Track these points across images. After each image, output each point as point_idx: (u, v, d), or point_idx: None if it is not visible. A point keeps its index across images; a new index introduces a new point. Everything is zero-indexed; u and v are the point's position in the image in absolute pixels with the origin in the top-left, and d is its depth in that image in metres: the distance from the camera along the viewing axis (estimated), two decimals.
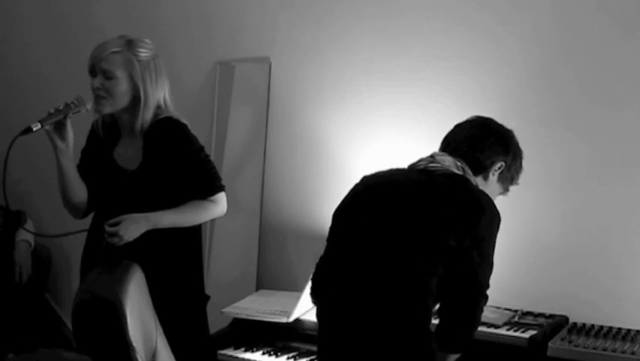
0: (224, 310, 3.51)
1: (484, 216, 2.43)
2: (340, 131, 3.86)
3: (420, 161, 2.58)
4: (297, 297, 3.40)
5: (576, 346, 2.92)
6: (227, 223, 3.99)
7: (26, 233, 4.30)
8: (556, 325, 3.19)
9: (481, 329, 3.05)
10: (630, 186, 3.27)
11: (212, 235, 4.11)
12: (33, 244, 4.43)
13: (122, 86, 2.90)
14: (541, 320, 3.21)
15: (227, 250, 4.12)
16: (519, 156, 2.69)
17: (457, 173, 2.52)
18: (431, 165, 2.54)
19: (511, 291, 3.37)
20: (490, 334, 3.08)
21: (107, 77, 2.89)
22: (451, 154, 2.57)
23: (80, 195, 3.02)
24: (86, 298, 2.66)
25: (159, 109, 2.97)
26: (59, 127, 2.87)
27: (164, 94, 2.98)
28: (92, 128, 3.09)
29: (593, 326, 3.12)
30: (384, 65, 3.72)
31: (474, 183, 2.54)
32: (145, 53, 2.93)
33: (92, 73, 2.94)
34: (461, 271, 2.40)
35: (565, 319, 3.27)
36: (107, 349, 2.56)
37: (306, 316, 3.41)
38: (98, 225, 2.95)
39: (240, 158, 4.13)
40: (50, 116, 2.83)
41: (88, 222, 3.10)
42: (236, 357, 3.34)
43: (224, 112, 4.17)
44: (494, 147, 2.61)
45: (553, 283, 3.39)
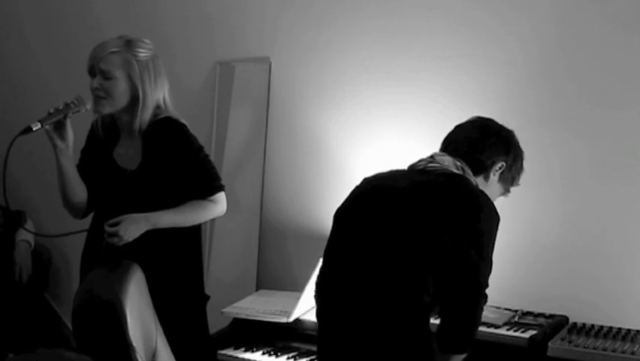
0: (224, 310, 3.52)
1: (482, 214, 2.43)
2: (340, 131, 3.86)
3: (420, 161, 2.59)
4: (297, 297, 3.40)
5: (576, 346, 2.92)
6: (227, 223, 3.99)
7: (26, 233, 4.30)
8: (556, 325, 3.19)
9: (481, 329, 3.05)
10: (630, 186, 3.27)
11: (212, 235, 4.11)
12: (33, 244, 4.44)
13: (121, 86, 2.90)
14: (541, 320, 3.21)
15: (227, 250, 4.12)
16: (520, 156, 2.69)
17: (456, 173, 2.52)
18: (430, 166, 2.54)
19: (511, 291, 3.37)
20: (490, 334, 3.08)
21: (106, 77, 2.89)
22: (451, 154, 2.57)
23: (80, 195, 3.02)
24: (86, 299, 2.66)
25: (159, 109, 2.97)
26: (59, 127, 2.87)
27: (163, 94, 2.98)
28: (92, 128, 3.08)
29: (593, 326, 3.12)
30: (384, 65, 3.72)
31: (474, 183, 2.54)
32: (144, 53, 2.93)
33: (91, 73, 2.94)
34: (460, 270, 2.40)
35: (565, 319, 3.27)
36: (107, 349, 2.56)
37: (306, 316, 3.41)
38: (97, 225, 2.94)
39: (240, 158, 4.13)
40: (50, 115, 2.83)
41: (88, 222, 3.10)
42: (236, 357, 3.34)
43: (224, 112, 4.17)
44: (495, 147, 2.61)
45: (553, 283, 3.39)
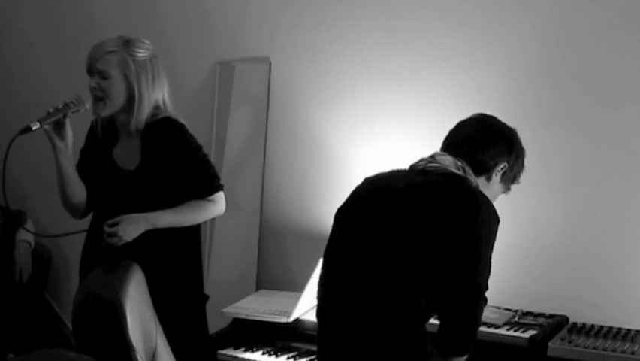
0: (224, 310, 3.51)
1: (481, 216, 2.41)
2: (340, 131, 3.86)
3: (420, 161, 2.58)
4: (297, 297, 3.40)
5: (576, 346, 2.92)
6: (227, 223, 3.99)
7: (26, 233, 4.30)
8: (556, 325, 3.19)
9: (481, 329, 3.04)
10: (630, 186, 3.27)
11: (212, 235, 4.11)
12: (33, 244, 4.44)
13: (118, 86, 2.90)
14: (541, 320, 3.21)
15: (227, 250, 4.12)
16: (521, 155, 2.67)
17: (456, 173, 2.51)
18: (430, 166, 2.53)
19: (511, 291, 3.37)
20: (490, 334, 3.08)
21: (103, 77, 2.89)
22: (453, 154, 2.55)
23: (79, 195, 3.02)
24: (86, 299, 2.66)
25: (158, 109, 2.97)
26: (58, 126, 2.87)
27: (162, 94, 2.98)
28: (91, 128, 3.09)
29: (593, 326, 3.12)
30: (384, 65, 3.72)
31: (474, 183, 2.53)
32: (142, 53, 2.93)
33: (90, 73, 2.94)
34: (459, 272, 2.39)
35: (565, 319, 3.26)
36: (107, 349, 2.56)
37: (306, 316, 3.41)
38: (97, 225, 2.94)
39: (240, 158, 4.13)
40: (49, 115, 2.83)
41: (88, 222, 3.10)
42: (236, 357, 3.34)
43: (224, 112, 4.17)
44: (497, 148, 2.59)
45: (553, 283, 3.39)
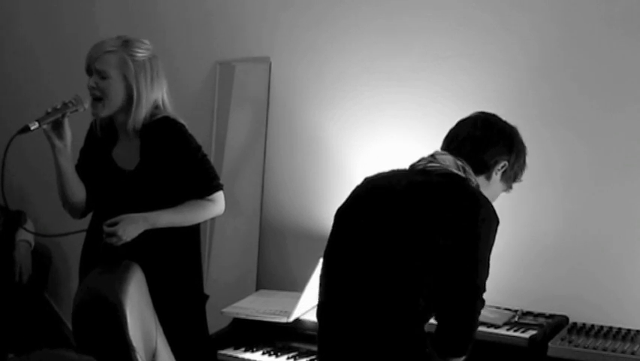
0: (224, 310, 3.51)
1: (480, 217, 2.40)
2: (340, 131, 3.86)
3: (420, 161, 2.56)
4: (297, 297, 3.40)
5: (576, 346, 2.92)
6: (227, 223, 3.99)
7: (26, 233, 4.30)
8: (556, 325, 3.19)
9: (481, 329, 3.05)
10: (630, 186, 3.27)
11: (212, 235, 4.11)
12: (33, 244, 4.44)
13: (116, 86, 2.90)
14: (541, 320, 3.21)
15: (227, 250, 4.12)
16: (522, 153, 2.64)
17: (456, 173, 2.49)
18: (430, 165, 2.51)
19: (511, 291, 3.37)
20: (490, 334, 3.08)
21: (102, 76, 2.90)
22: (453, 153, 2.54)
23: (79, 195, 3.02)
24: (86, 299, 2.66)
25: (157, 109, 2.97)
26: (57, 126, 2.87)
27: (161, 94, 2.98)
28: (91, 128, 3.09)
29: (593, 326, 3.12)
30: (384, 65, 3.72)
31: (474, 183, 2.51)
32: (141, 53, 2.93)
33: (89, 72, 2.94)
34: (457, 273, 2.37)
35: (565, 319, 3.26)
36: (107, 349, 2.56)
37: (306, 316, 3.41)
38: (96, 225, 2.94)
39: (240, 158, 4.13)
40: (48, 115, 2.83)
41: (88, 222, 3.10)
42: (236, 357, 3.34)
43: (224, 112, 4.17)
44: (498, 146, 2.57)
45: (553, 283, 3.39)
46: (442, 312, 2.42)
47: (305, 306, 3.40)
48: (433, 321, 2.48)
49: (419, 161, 2.57)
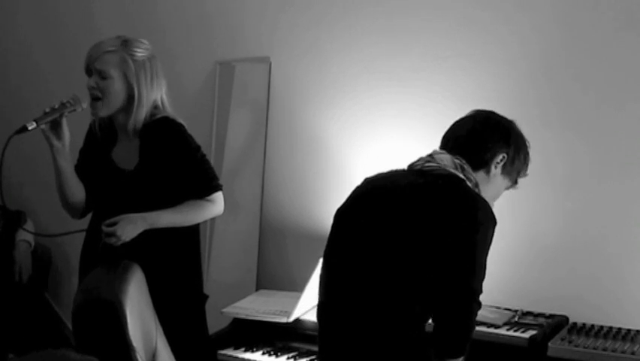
0: (224, 310, 3.51)
1: (477, 219, 2.37)
2: (340, 131, 3.86)
3: (418, 161, 2.54)
4: (297, 297, 3.40)
5: (576, 346, 2.92)
6: (227, 223, 3.99)
7: (26, 233, 4.30)
8: (556, 325, 3.19)
9: (481, 329, 3.05)
10: (631, 186, 3.27)
11: (212, 235, 4.11)
12: (33, 243, 4.44)
13: (117, 86, 2.90)
14: (541, 320, 3.21)
15: (227, 250, 4.12)
16: (523, 146, 2.60)
17: (454, 173, 2.46)
18: (427, 165, 2.49)
19: (511, 291, 3.37)
20: (490, 334, 3.08)
21: (102, 76, 2.89)
22: (450, 151, 2.52)
23: (78, 195, 3.02)
24: (86, 299, 2.66)
25: (156, 109, 2.97)
26: (55, 126, 2.86)
27: (161, 94, 2.98)
28: (90, 128, 3.08)
29: (593, 326, 3.12)
30: (384, 65, 3.72)
31: (473, 181, 2.47)
32: (141, 52, 2.93)
33: (88, 72, 2.94)
34: (453, 275, 2.35)
35: (565, 319, 3.27)
36: (107, 349, 2.55)
37: (306, 316, 3.41)
38: (96, 225, 2.94)
39: (240, 158, 4.13)
40: (46, 115, 2.82)
41: (87, 221, 3.10)
42: (236, 357, 3.34)
43: (224, 112, 4.17)
44: (493, 139, 2.54)
45: (553, 283, 3.39)
46: (439, 314, 2.40)
47: (305, 306, 3.40)
48: (432, 321, 2.49)
49: (417, 161, 2.55)
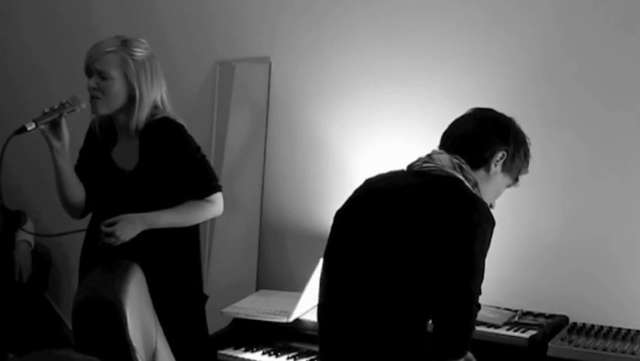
0: (224, 310, 3.51)
1: (474, 221, 2.35)
2: (340, 131, 3.86)
3: (417, 161, 2.53)
4: (297, 297, 3.40)
5: (576, 346, 2.92)
6: (227, 223, 3.99)
7: (26, 233, 4.30)
8: (556, 325, 3.19)
9: (481, 329, 3.06)
10: (631, 186, 3.27)
11: (212, 235, 4.10)
12: (33, 244, 4.44)
13: (118, 86, 2.90)
14: (541, 320, 3.21)
15: (227, 250, 4.12)
16: (523, 143, 2.59)
17: (452, 174, 2.45)
18: (425, 166, 2.48)
19: (511, 291, 3.37)
20: (490, 334, 3.08)
21: (103, 77, 2.89)
22: (449, 151, 2.51)
23: (78, 195, 3.02)
24: (86, 299, 2.65)
25: (156, 109, 2.97)
26: (54, 126, 2.86)
27: (160, 94, 2.98)
28: (90, 128, 3.08)
29: (593, 326, 3.12)
30: (384, 65, 3.72)
31: (472, 181, 2.45)
32: (140, 52, 2.93)
33: (88, 73, 2.94)
34: (452, 278, 2.34)
35: (565, 319, 3.27)
36: (107, 349, 2.55)
37: (306, 316, 3.41)
38: (96, 225, 2.94)
39: (240, 158, 4.12)
40: (45, 115, 2.83)
41: (87, 221, 3.10)
42: (236, 357, 3.34)
43: (224, 112, 4.17)
44: (492, 136, 2.52)
45: (553, 283, 3.39)
46: (438, 316, 2.39)
47: (305, 306, 3.40)
48: (431, 323, 2.48)
49: (416, 161, 2.54)
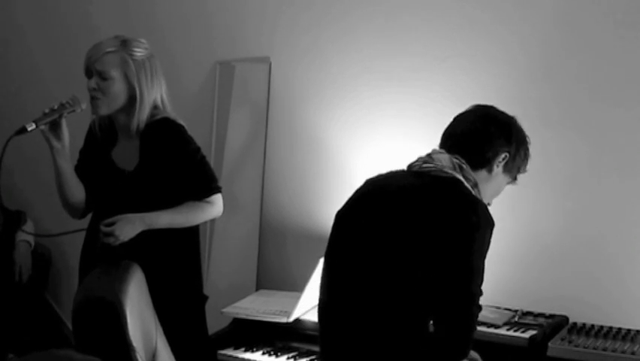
0: (224, 310, 3.51)
1: (473, 222, 2.34)
2: (340, 131, 3.86)
3: (417, 161, 2.52)
4: (297, 297, 3.40)
5: (576, 346, 2.92)
6: (227, 223, 3.99)
7: (27, 233, 4.31)
8: (556, 325, 3.19)
9: (481, 329, 3.05)
10: (631, 186, 3.27)
11: (212, 235, 4.11)
12: (33, 244, 4.44)
13: (118, 86, 2.90)
14: (541, 320, 3.21)
15: (227, 250, 4.12)
16: (524, 143, 2.58)
17: (451, 175, 2.44)
18: (425, 166, 2.47)
19: (511, 291, 3.37)
20: (490, 334, 3.08)
21: (103, 77, 2.89)
22: (450, 150, 2.49)
23: (78, 195, 3.02)
24: (86, 299, 2.66)
25: (156, 109, 2.97)
26: (55, 127, 2.86)
27: (160, 94, 2.98)
28: (90, 128, 3.08)
29: (593, 326, 3.12)
30: (384, 65, 3.72)
31: (472, 181, 2.45)
32: (140, 52, 2.93)
33: (88, 74, 2.93)
34: (452, 280, 2.33)
35: (565, 319, 3.27)
36: (107, 349, 2.55)
37: (306, 316, 3.41)
38: (96, 225, 2.94)
39: (240, 158, 4.12)
40: (45, 116, 2.83)
41: (87, 221, 3.10)
42: (236, 357, 3.34)
43: (224, 112, 4.17)
44: (495, 137, 2.51)
45: (553, 283, 3.39)
46: (439, 318, 2.38)
47: (305, 306, 3.40)
48: (432, 324, 2.48)
49: (415, 161, 2.53)
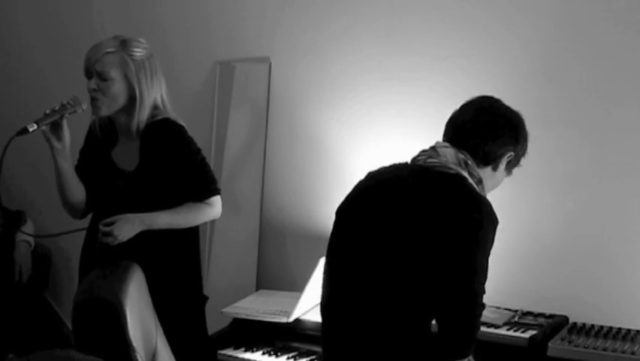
0: (224, 310, 3.51)
1: (477, 221, 2.34)
2: (340, 131, 3.85)
3: (420, 155, 2.51)
4: (297, 297, 3.40)
5: (576, 346, 2.92)
6: (227, 223, 3.99)
7: (27, 234, 4.31)
8: (556, 325, 3.19)
9: (481, 328, 3.04)
10: (631, 186, 3.27)
11: (212, 235, 4.11)
12: (33, 244, 4.43)
13: (118, 87, 2.90)
14: (541, 320, 3.21)
15: (227, 250, 4.12)
16: (526, 140, 2.57)
17: (457, 171, 2.42)
18: (430, 161, 2.45)
19: (511, 291, 3.37)
20: (490, 334, 3.08)
21: (103, 78, 2.89)
22: (456, 145, 2.47)
23: (78, 195, 3.02)
24: (86, 299, 2.66)
25: (156, 109, 2.97)
26: (56, 127, 2.87)
27: (160, 94, 2.98)
28: (90, 129, 3.08)
29: (593, 326, 3.12)
30: (384, 65, 3.72)
31: (476, 177, 2.44)
32: (139, 52, 2.93)
33: (88, 75, 2.93)
34: (455, 278, 2.33)
35: (565, 319, 3.26)
36: (107, 349, 2.56)
37: (306, 316, 3.41)
38: (96, 225, 2.94)
39: (240, 158, 4.12)
40: (46, 116, 2.83)
41: (87, 221, 3.10)
42: (236, 357, 3.34)
43: (224, 112, 4.17)
44: (505, 138, 2.49)
45: (553, 283, 3.39)
46: (443, 316, 2.38)
47: (305, 306, 3.40)
48: (436, 323, 2.48)
49: (419, 155, 2.51)
